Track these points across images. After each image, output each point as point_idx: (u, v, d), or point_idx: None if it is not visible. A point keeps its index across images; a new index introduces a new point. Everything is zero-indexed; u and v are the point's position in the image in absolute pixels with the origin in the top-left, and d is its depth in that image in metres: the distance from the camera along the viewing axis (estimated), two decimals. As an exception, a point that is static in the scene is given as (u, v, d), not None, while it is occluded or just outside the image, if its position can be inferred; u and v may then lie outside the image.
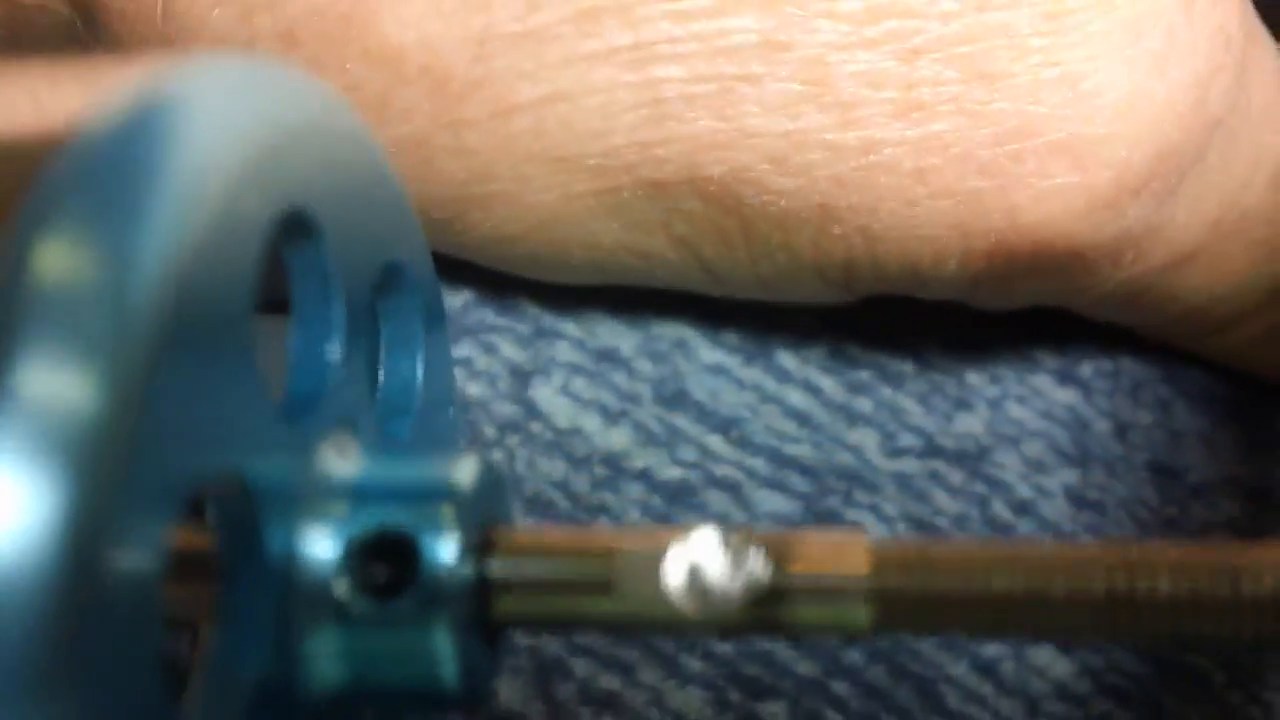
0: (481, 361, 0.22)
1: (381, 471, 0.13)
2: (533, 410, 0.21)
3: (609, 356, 0.22)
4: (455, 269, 0.22)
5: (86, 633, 0.09)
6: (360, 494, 0.13)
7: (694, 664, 0.20)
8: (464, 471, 0.13)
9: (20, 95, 0.12)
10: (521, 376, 0.22)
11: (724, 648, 0.21)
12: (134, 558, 0.10)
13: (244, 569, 0.12)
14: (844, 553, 0.13)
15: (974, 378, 0.23)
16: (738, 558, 0.13)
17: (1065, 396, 0.24)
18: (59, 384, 0.09)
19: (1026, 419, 0.23)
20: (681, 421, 0.22)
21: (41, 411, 0.09)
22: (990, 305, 0.21)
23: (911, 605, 0.13)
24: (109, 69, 0.12)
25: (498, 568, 0.13)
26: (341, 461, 0.13)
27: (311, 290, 0.14)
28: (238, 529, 0.12)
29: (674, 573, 0.13)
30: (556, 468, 0.21)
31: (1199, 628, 0.12)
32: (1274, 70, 0.20)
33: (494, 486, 0.13)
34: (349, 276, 0.14)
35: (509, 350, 0.22)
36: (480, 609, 0.13)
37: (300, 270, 0.13)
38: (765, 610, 0.13)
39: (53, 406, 0.09)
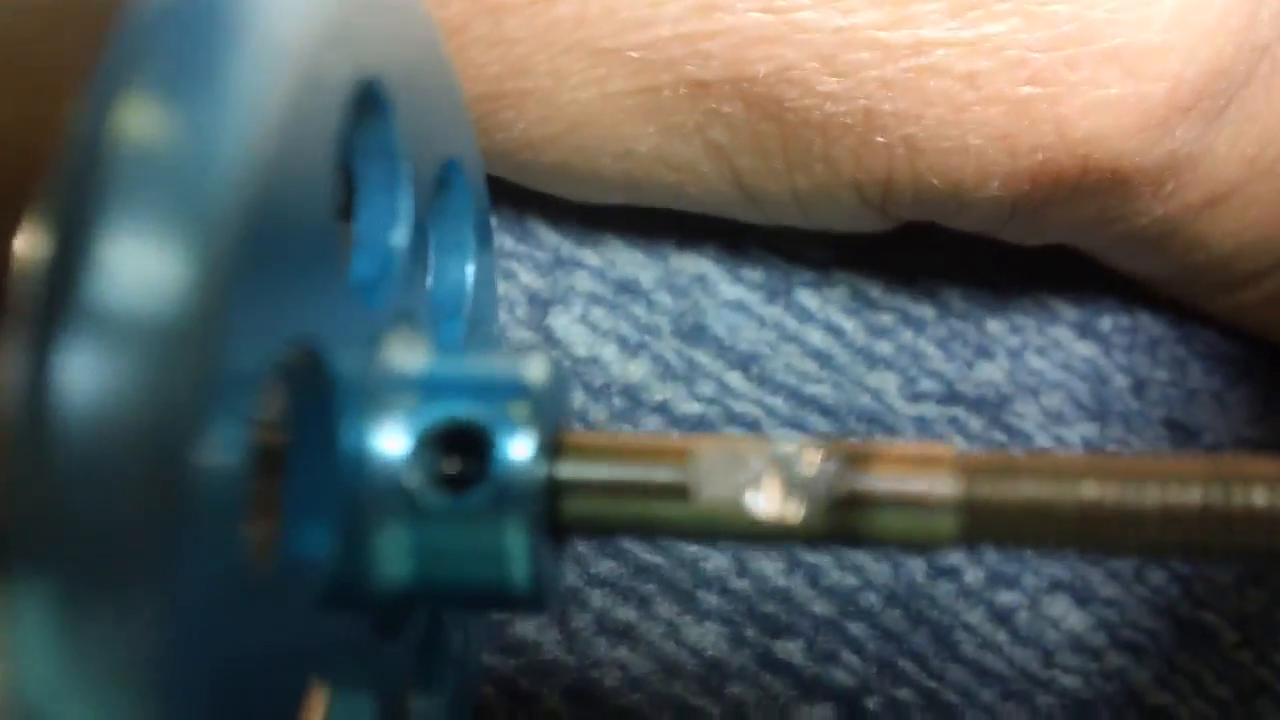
0: (500, 288, 0.21)
1: (451, 366, 0.13)
2: (551, 338, 0.21)
3: (628, 288, 0.21)
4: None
5: (172, 526, 0.09)
6: (431, 387, 0.12)
7: (711, 599, 0.20)
8: (536, 369, 0.13)
9: None
10: (540, 304, 0.21)
11: (741, 584, 0.20)
12: (223, 441, 0.09)
13: (316, 461, 0.12)
14: (929, 460, 0.12)
15: (995, 326, 0.23)
16: (820, 464, 0.12)
17: (1085, 350, 0.23)
18: (145, 250, 0.09)
19: (1046, 370, 0.23)
20: (701, 356, 0.21)
21: (128, 286, 0.09)
22: (1022, 237, 0.21)
23: (999, 514, 0.12)
24: None
25: (569, 468, 0.12)
26: (410, 354, 0.13)
27: (379, 171, 0.13)
28: (310, 419, 0.12)
29: (752, 478, 0.12)
30: (575, 397, 0.21)
31: None
32: None
33: (562, 387, 0.13)
34: (415, 162, 0.13)
35: (528, 278, 0.21)
36: (550, 511, 0.12)
37: (370, 149, 0.13)
38: (847, 518, 0.12)
39: (140, 281, 0.09)
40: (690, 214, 0.22)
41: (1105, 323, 0.24)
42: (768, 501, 0.12)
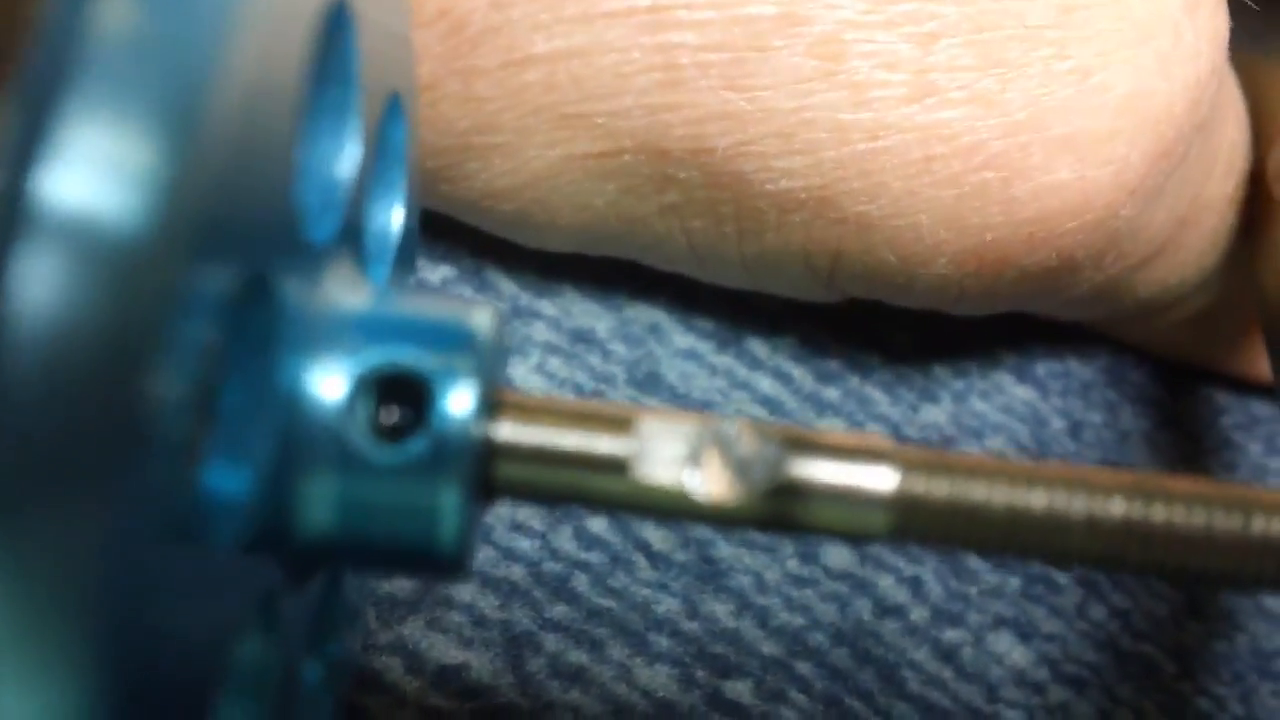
0: (457, 338, 0.22)
1: (395, 307, 0.12)
2: (509, 387, 0.22)
3: (584, 337, 0.22)
4: (435, 248, 0.22)
5: (122, 448, 0.08)
6: (371, 329, 0.12)
7: (662, 641, 0.21)
8: (481, 319, 0.12)
9: None
10: (497, 354, 0.22)
11: (691, 626, 0.21)
12: (177, 367, 0.09)
13: (249, 397, 0.11)
14: (867, 451, 0.12)
15: (939, 371, 0.24)
16: (759, 448, 0.12)
17: (1024, 394, 0.24)
18: (113, 141, 0.08)
19: (988, 413, 0.24)
20: (654, 403, 0.22)
21: (95, 184, 0.08)
22: (969, 311, 0.21)
23: (931, 511, 0.12)
24: None
25: (507, 429, 0.12)
26: (351, 292, 0.12)
27: (333, 97, 0.12)
28: (247, 352, 0.11)
29: (692, 456, 0.12)
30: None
31: (1207, 561, 0.12)
32: (1228, 68, 0.21)
33: (504, 343, 0.13)
34: (367, 91, 0.12)
35: (485, 328, 0.22)
36: (483, 472, 0.12)
37: (325, 70, 0.12)
38: (782, 504, 0.12)
39: (109, 166, 0.08)
40: (644, 265, 0.23)
41: (1040, 368, 0.24)
42: (706, 481, 0.12)
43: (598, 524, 0.21)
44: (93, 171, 0.08)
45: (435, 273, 0.22)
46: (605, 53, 0.17)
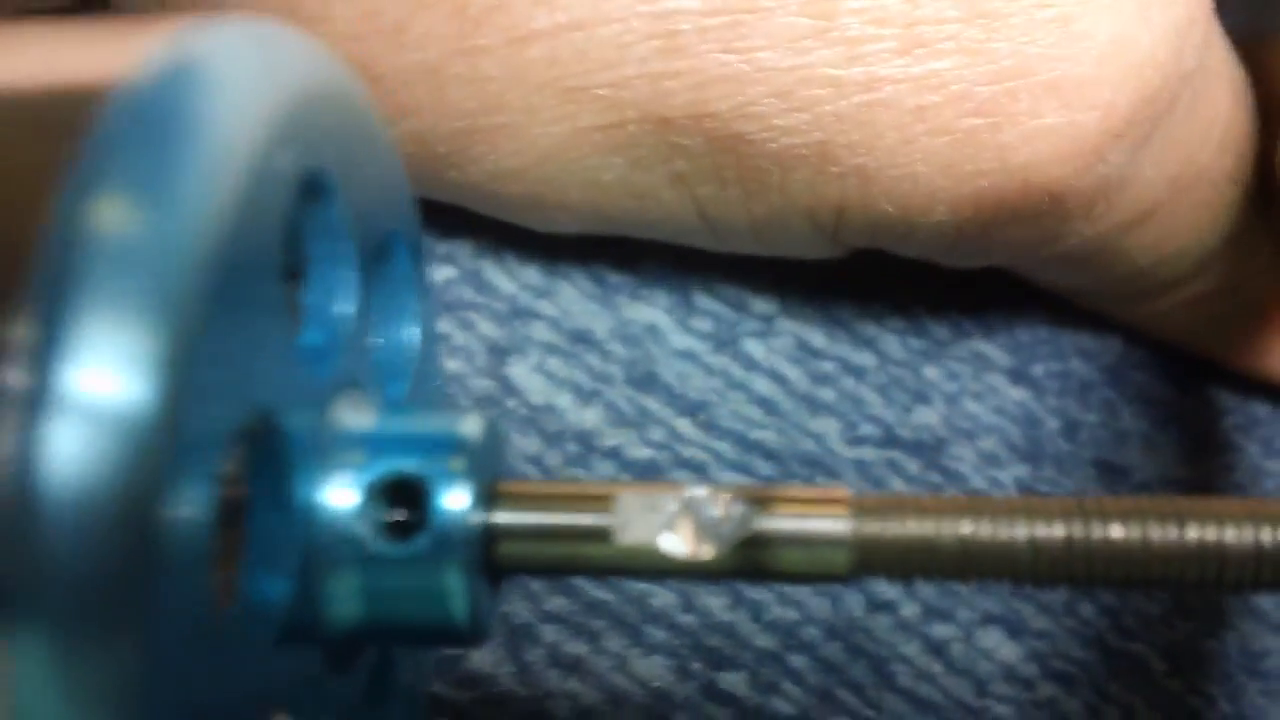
0: (460, 338, 0.22)
1: (394, 424, 0.14)
2: (508, 386, 0.22)
3: (583, 338, 0.23)
4: (435, 250, 0.23)
5: (147, 576, 0.10)
6: (376, 444, 0.14)
7: (658, 633, 0.21)
8: (471, 426, 0.14)
9: (56, 53, 0.12)
10: (498, 353, 0.22)
11: (687, 619, 0.21)
12: (189, 500, 0.10)
13: (273, 513, 0.13)
14: (824, 501, 0.14)
15: (932, 373, 0.24)
16: (726, 508, 0.13)
17: (1018, 394, 0.25)
18: (117, 335, 0.10)
19: (981, 414, 0.24)
20: (651, 403, 0.23)
21: (99, 369, 0.10)
22: (963, 261, 0.22)
23: (886, 550, 0.13)
24: (138, 29, 0.12)
25: (503, 516, 0.14)
26: (357, 414, 0.14)
27: (325, 249, 0.14)
28: (266, 476, 0.13)
29: (667, 521, 0.13)
30: (530, 443, 0.22)
31: (1148, 571, 0.13)
32: (1223, 37, 0.21)
33: (497, 441, 0.14)
34: (358, 238, 0.14)
35: (486, 328, 0.22)
36: (486, 554, 0.14)
37: (315, 230, 0.14)
38: (751, 555, 0.13)
39: (115, 355, 0.10)
40: (642, 266, 0.23)
41: (1037, 369, 0.25)
42: (681, 542, 0.13)
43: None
44: (99, 360, 0.10)
45: (436, 274, 0.22)
46: (606, 23, 0.18)
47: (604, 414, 0.22)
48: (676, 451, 0.22)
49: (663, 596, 0.21)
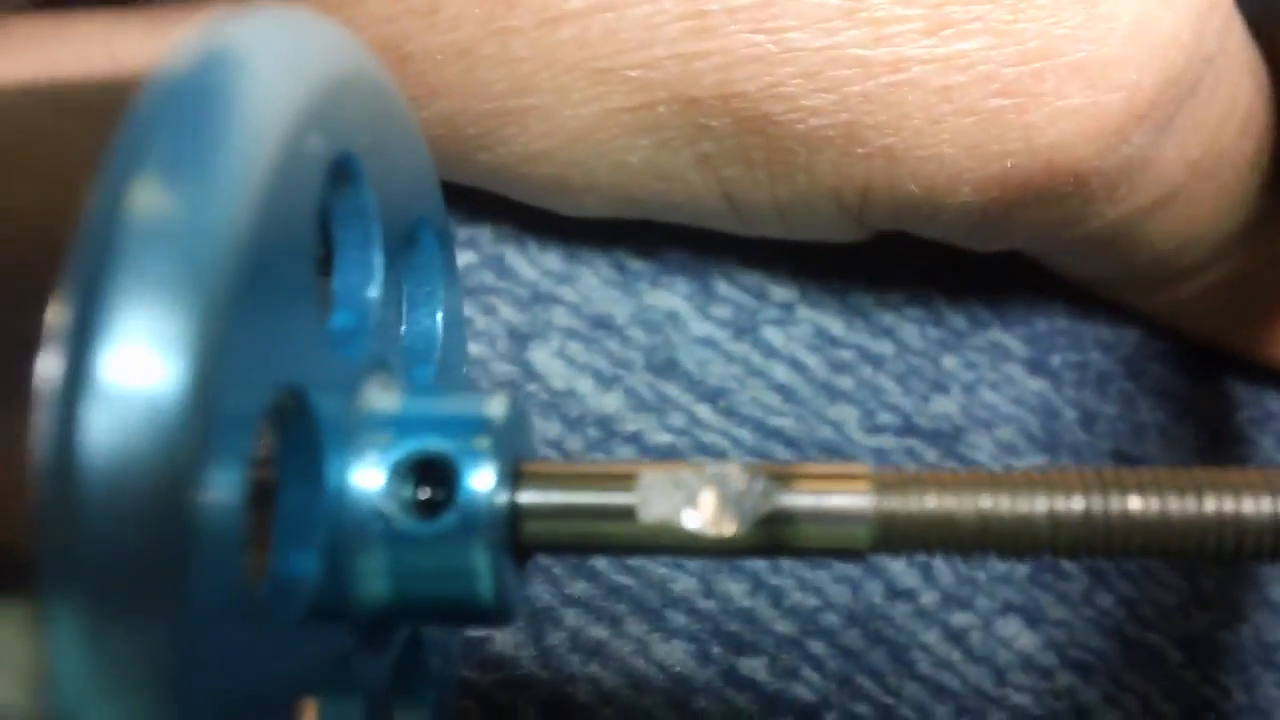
0: (481, 322, 0.22)
1: (421, 405, 0.14)
2: (530, 371, 0.22)
3: (603, 324, 0.23)
4: (457, 235, 0.23)
5: (180, 554, 0.10)
6: (403, 425, 0.14)
7: (679, 618, 0.21)
8: (497, 406, 0.14)
9: (93, 41, 0.12)
10: (519, 338, 0.22)
11: (708, 604, 0.21)
12: (222, 481, 0.11)
13: (303, 493, 0.13)
14: (844, 477, 0.14)
15: (950, 362, 0.24)
16: (748, 485, 0.13)
17: (1036, 385, 0.25)
18: (151, 319, 0.10)
19: (999, 404, 0.24)
20: (671, 389, 0.23)
21: (135, 351, 0.10)
22: (986, 243, 0.22)
23: (906, 525, 0.13)
24: (172, 17, 0.12)
25: (528, 495, 0.14)
26: (385, 395, 0.14)
27: (354, 234, 0.14)
28: (297, 457, 0.13)
29: (690, 498, 0.14)
30: (551, 427, 0.22)
31: (1166, 542, 0.13)
32: (1242, 25, 0.21)
33: (522, 422, 0.14)
34: (384, 225, 0.15)
35: (508, 313, 0.22)
36: (512, 533, 0.14)
37: (344, 215, 0.14)
38: (773, 531, 0.13)
39: (149, 339, 0.10)
40: (663, 253, 0.23)
41: (1056, 360, 0.25)
42: (704, 519, 0.13)
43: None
44: (134, 344, 0.10)
45: (459, 258, 0.23)
46: (637, 4, 0.18)
47: (624, 399, 0.22)
48: (696, 437, 0.23)
49: (683, 581, 0.21)
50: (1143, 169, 0.20)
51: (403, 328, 0.16)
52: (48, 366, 0.10)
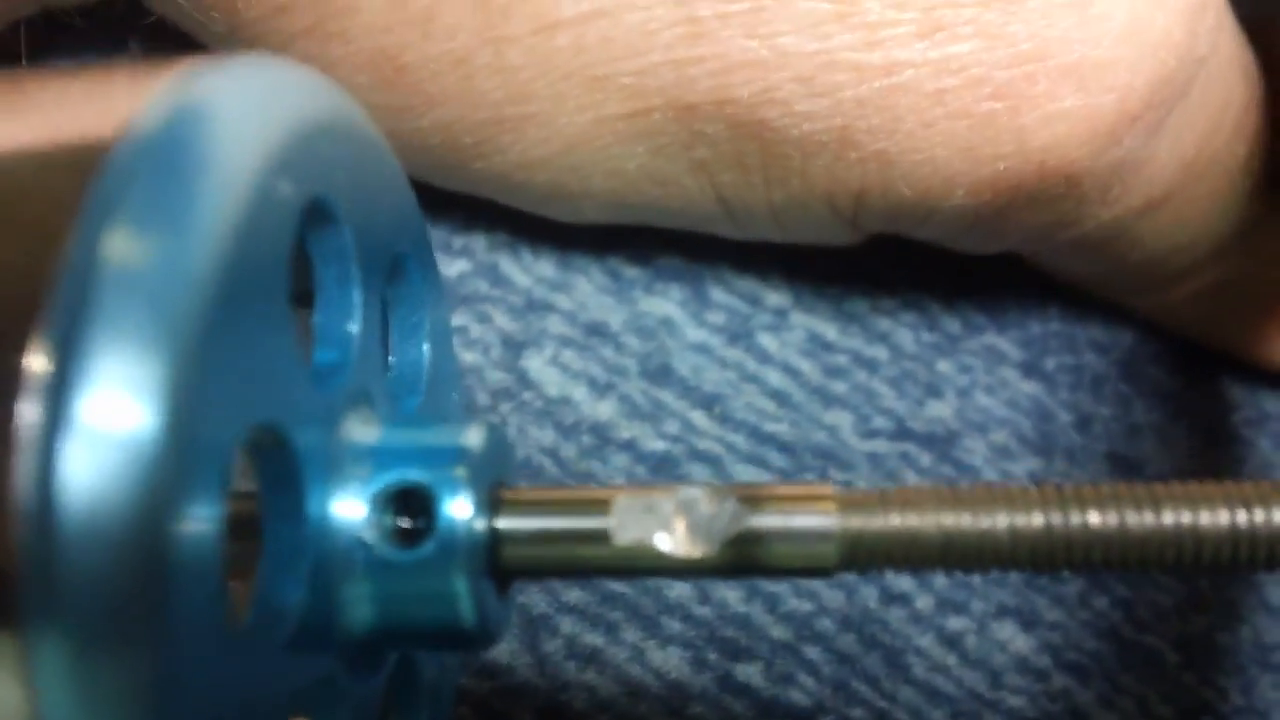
0: (476, 330, 0.22)
1: (401, 437, 0.14)
2: (524, 379, 0.22)
3: (598, 331, 0.23)
4: (451, 244, 0.23)
5: (159, 587, 0.11)
6: (383, 457, 0.14)
7: (674, 625, 0.21)
8: (474, 436, 0.14)
9: (75, 98, 0.13)
10: (514, 346, 0.22)
11: (703, 610, 0.21)
12: (198, 514, 0.11)
13: (286, 524, 0.13)
14: (811, 498, 0.14)
15: (944, 366, 0.24)
16: (718, 508, 0.14)
17: (1030, 388, 0.25)
18: (125, 364, 0.11)
19: (993, 407, 0.24)
20: (666, 396, 0.23)
21: (111, 394, 0.10)
22: (980, 246, 0.22)
23: (871, 543, 0.14)
24: (153, 73, 0.13)
25: (506, 521, 0.14)
26: (365, 429, 0.14)
27: (332, 272, 0.15)
28: (278, 489, 0.13)
29: (662, 522, 0.14)
30: (546, 435, 0.22)
31: (1125, 555, 0.14)
32: (1234, 26, 0.21)
33: (500, 449, 0.15)
34: (364, 263, 0.15)
35: (502, 321, 0.22)
36: (491, 559, 0.14)
37: (322, 254, 0.15)
38: (743, 551, 0.14)
39: (123, 383, 0.10)
40: (657, 260, 0.23)
41: (1050, 363, 0.25)
42: (676, 541, 0.14)
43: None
44: (109, 388, 0.10)
45: (451, 268, 0.23)
46: (631, 10, 0.18)
47: (619, 406, 0.22)
48: (691, 444, 0.23)
49: (679, 589, 0.21)
50: (1135, 170, 0.20)
51: (391, 359, 0.17)
52: (28, 411, 0.10)
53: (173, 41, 0.21)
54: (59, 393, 0.10)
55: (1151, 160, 0.20)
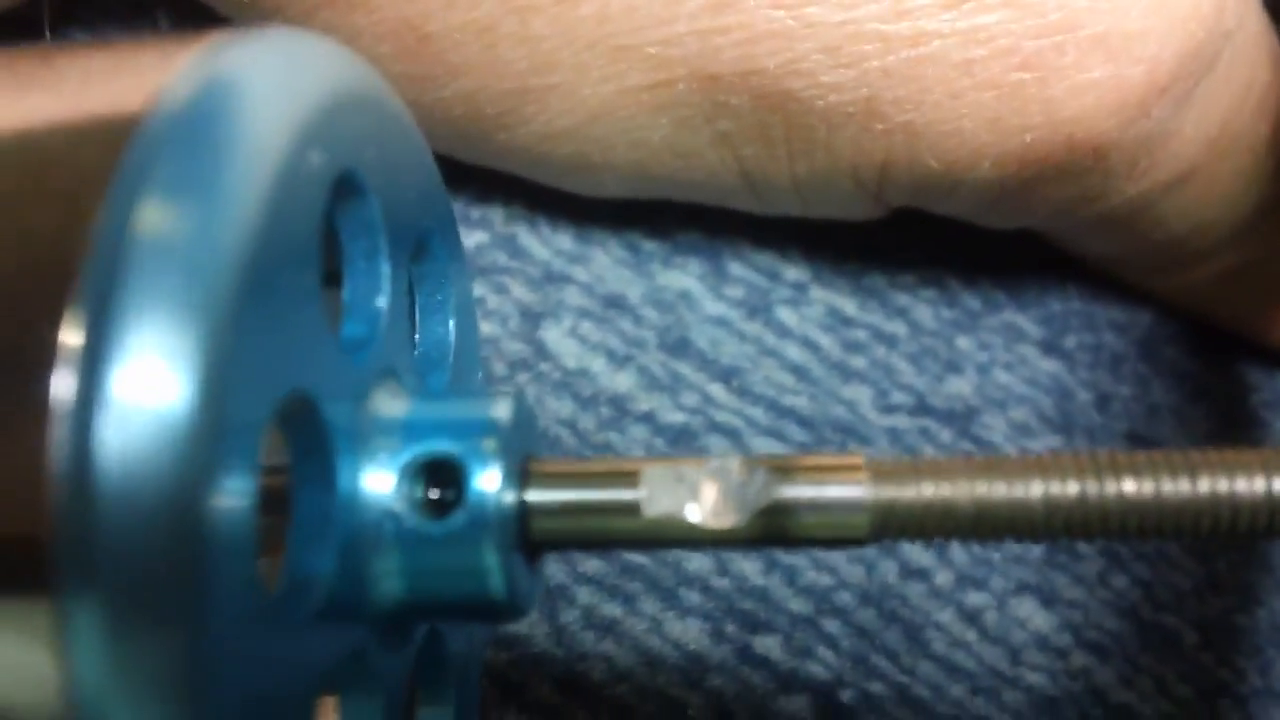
0: (493, 301, 0.22)
1: (429, 409, 0.14)
2: (542, 350, 0.22)
3: (616, 303, 0.23)
4: (469, 215, 0.23)
5: (193, 557, 0.11)
6: (412, 428, 0.14)
7: (693, 597, 0.21)
8: (503, 408, 0.14)
9: (102, 70, 0.13)
10: (532, 318, 0.22)
11: (722, 583, 0.21)
12: (231, 487, 0.11)
13: (316, 497, 0.13)
14: (841, 468, 0.14)
15: (964, 343, 0.24)
16: (748, 478, 0.14)
17: (1050, 366, 0.25)
18: (159, 337, 0.11)
19: (1013, 384, 0.24)
20: (684, 369, 0.23)
21: (145, 366, 0.11)
22: (1004, 220, 0.22)
23: (903, 513, 0.14)
24: (182, 44, 0.13)
25: (535, 494, 0.14)
26: (394, 402, 0.14)
27: (361, 246, 0.15)
28: (309, 462, 0.13)
29: (692, 493, 0.14)
30: (564, 407, 0.22)
31: (1161, 523, 0.13)
32: (1259, 4, 0.21)
33: (529, 421, 0.15)
34: (391, 238, 0.15)
35: (520, 292, 0.22)
36: (521, 531, 0.14)
37: (351, 228, 0.15)
38: (773, 522, 0.14)
39: (157, 355, 0.11)
40: (675, 233, 0.23)
41: (1070, 341, 0.25)
42: (706, 512, 0.14)
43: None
44: (143, 360, 0.10)
45: (469, 239, 0.22)
46: None
47: (637, 379, 0.22)
48: (709, 416, 0.22)
49: (698, 560, 0.21)
50: (1162, 144, 0.20)
51: (416, 335, 0.17)
52: (62, 382, 0.10)
53: (196, 14, 0.21)
54: (93, 365, 0.10)
55: (1178, 134, 0.20)
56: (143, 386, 0.10)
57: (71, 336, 0.10)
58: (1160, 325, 0.26)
